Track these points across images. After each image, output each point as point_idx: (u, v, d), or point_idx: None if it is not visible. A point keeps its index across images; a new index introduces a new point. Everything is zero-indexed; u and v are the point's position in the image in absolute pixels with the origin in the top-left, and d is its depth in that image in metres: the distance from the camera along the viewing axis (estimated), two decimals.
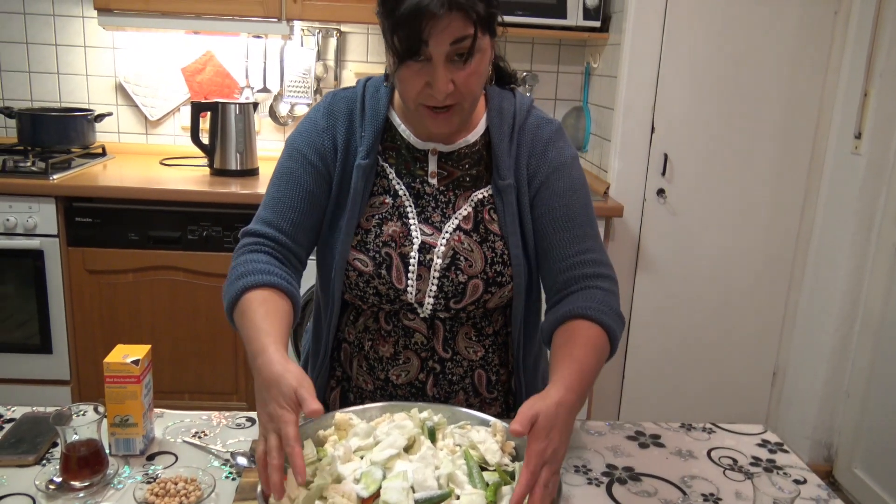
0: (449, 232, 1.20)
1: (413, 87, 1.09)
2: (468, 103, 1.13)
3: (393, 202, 1.22)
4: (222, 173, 2.76)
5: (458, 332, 1.26)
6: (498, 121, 1.22)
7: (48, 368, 2.58)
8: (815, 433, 2.80)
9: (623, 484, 1.11)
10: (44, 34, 3.00)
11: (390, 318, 1.26)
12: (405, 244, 1.20)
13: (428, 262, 1.20)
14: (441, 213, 1.22)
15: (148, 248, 2.53)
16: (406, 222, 1.21)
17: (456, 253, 1.20)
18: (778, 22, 2.64)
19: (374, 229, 1.21)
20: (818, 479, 1.17)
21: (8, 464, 1.07)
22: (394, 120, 1.24)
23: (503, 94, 1.25)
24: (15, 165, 2.52)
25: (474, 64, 1.08)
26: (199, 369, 2.64)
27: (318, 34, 3.05)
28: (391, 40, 1.06)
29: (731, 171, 2.76)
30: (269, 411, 0.91)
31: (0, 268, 2.50)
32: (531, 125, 1.23)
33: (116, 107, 3.10)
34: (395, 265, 1.20)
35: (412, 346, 1.26)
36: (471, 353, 1.28)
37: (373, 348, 1.28)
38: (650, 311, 2.87)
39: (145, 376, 1.13)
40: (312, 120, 1.25)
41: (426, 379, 1.27)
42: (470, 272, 1.20)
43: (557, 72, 3.15)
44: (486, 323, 1.28)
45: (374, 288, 1.21)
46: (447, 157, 1.23)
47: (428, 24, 1.01)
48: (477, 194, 1.22)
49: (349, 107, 1.23)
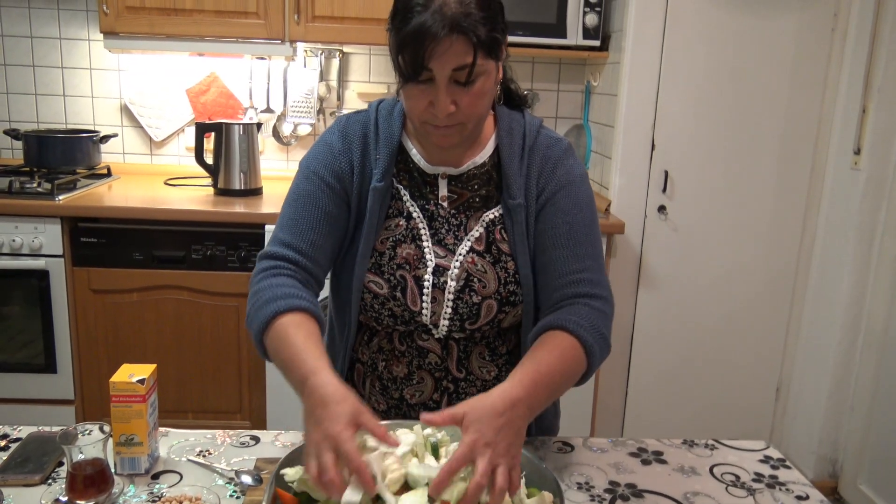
0: (462, 254, 1.21)
1: (417, 106, 1.12)
2: (471, 123, 1.15)
3: (407, 224, 1.23)
4: (226, 193, 2.79)
5: (472, 352, 1.27)
6: (508, 140, 1.23)
7: (53, 388, 2.59)
8: (819, 448, 2.79)
9: (626, 501, 1.12)
10: (50, 57, 3.04)
11: (404, 339, 1.27)
12: (419, 267, 1.21)
13: (442, 285, 1.21)
14: (454, 236, 1.23)
15: (152, 268, 2.54)
16: (420, 245, 1.22)
17: (469, 275, 1.21)
18: (776, 39, 2.67)
19: (389, 251, 1.22)
20: (821, 496, 1.17)
21: (14, 483, 1.08)
22: (406, 144, 1.26)
23: (512, 115, 1.26)
24: (21, 186, 2.54)
25: (477, 86, 1.10)
26: (203, 388, 2.64)
27: (321, 55, 3.08)
28: (396, 60, 1.09)
29: (731, 187, 2.78)
30: (324, 430, 0.90)
31: (6, 288, 2.51)
32: (541, 145, 1.25)
33: (121, 128, 3.13)
34: (409, 288, 1.21)
35: (426, 366, 1.27)
36: (484, 372, 1.28)
37: (387, 368, 1.29)
38: (653, 328, 2.87)
39: (150, 395, 1.13)
40: (328, 143, 1.25)
41: (440, 399, 1.28)
42: (484, 293, 1.21)
43: (558, 90, 3.18)
44: (499, 342, 1.29)
45: (390, 310, 1.22)
46: (456, 179, 1.25)
47: (430, 45, 1.04)
48: (488, 214, 1.24)
49: (363, 130, 1.25)
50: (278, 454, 1.18)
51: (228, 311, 2.58)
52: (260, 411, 2.66)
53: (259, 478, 1.11)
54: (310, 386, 0.97)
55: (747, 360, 2.94)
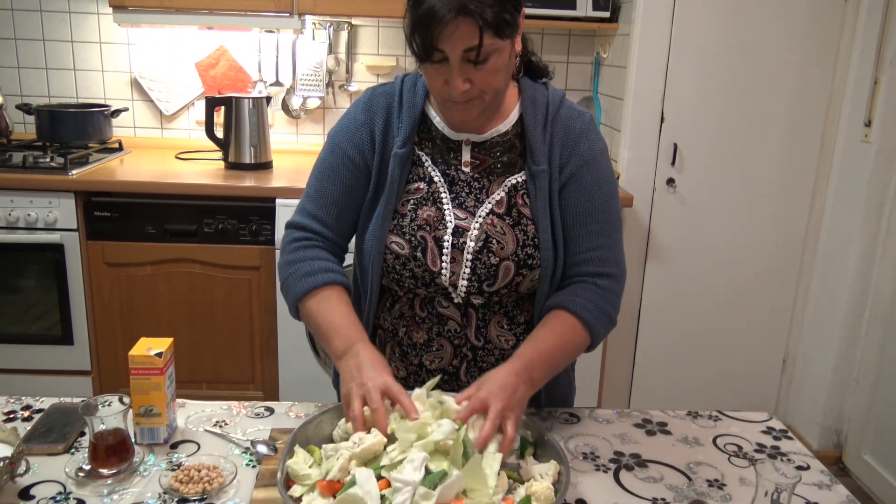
0: (482, 216, 1.25)
1: (435, 84, 1.17)
2: (489, 96, 1.18)
3: (428, 188, 1.28)
4: (237, 167, 2.81)
5: (490, 321, 1.30)
6: (532, 110, 1.27)
7: (70, 359, 2.64)
8: (824, 420, 2.82)
9: (630, 470, 1.15)
10: (60, 31, 3.05)
11: (425, 305, 1.30)
12: (439, 228, 1.25)
13: (461, 245, 1.24)
14: (475, 198, 1.27)
15: (165, 241, 2.58)
16: (440, 207, 1.26)
17: (488, 236, 1.24)
18: (787, 10, 2.64)
19: (410, 213, 1.27)
20: (821, 465, 1.19)
21: (39, 452, 1.12)
22: (429, 112, 1.30)
23: (536, 87, 1.30)
24: (35, 161, 2.57)
25: (491, 63, 1.13)
26: (217, 359, 2.69)
27: (330, 28, 3.07)
28: (410, 42, 1.13)
29: (740, 160, 2.77)
30: (359, 381, 1.08)
31: (22, 261, 2.55)
32: (564, 116, 1.28)
33: (132, 102, 3.14)
34: (430, 248, 1.25)
35: (445, 333, 1.30)
36: (502, 341, 1.31)
37: (407, 335, 1.33)
38: (660, 300, 2.89)
39: (168, 368, 1.17)
40: (352, 115, 1.32)
41: (459, 365, 1.32)
42: (501, 254, 1.24)
43: (567, 62, 3.16)
44: (517, 311, 1.32)
45: (411, 270, 1.26)
46: (480, 146, 1.28)
47: (437, 28, 1.08)
48: (511, 179, 1.27)
49: (388, 101, 1.30)
50: (292, 424, 1.22)
51: (240, 283, 2.62)
52: (272, 382, 2.71)
53: (274, 447, 1.15)
54: (356, 350, 1.14)
55: (754, 332, 2.96)
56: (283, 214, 2.51)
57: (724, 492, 1.10)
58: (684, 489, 1.10)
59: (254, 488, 1.05)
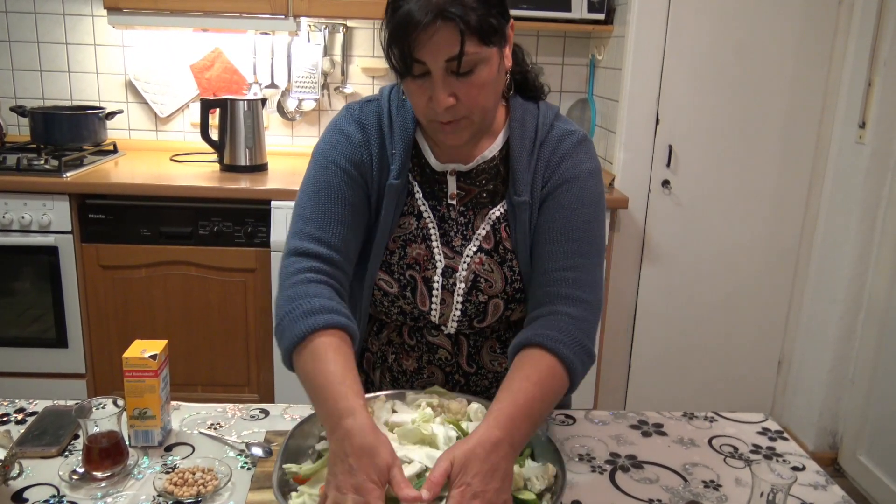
0: (470, 255, 1.20)
1: (419, 104, 1.08)
2: (476, 116, 1.09)
3: (417, 224, 1.21)
4: (232, 169, 2.80)
5: (482, 347, 1.27)
6: (519, 134, 1.18)
7: (64, 362, 2.63)
8: (820, 421, 2.82)
9: (626, 471, 1.15)
10: (54, 33, 3.04)
11: (414, 334, 1.27)
12: (429, 268, 1.21)
13: (451, 286, 1.20)
14: (461, 236, 1.21)
15: (160, 244, 2.57)
16: (430, 245, 1.21)
17: (476, 275, 1.20)
18: (782, 12, 2.65)
19: (399, 251, 1.21)
20: (817, 466, 1.19)
21: (32, 455, 1.11)
22: (419, 138, 1.21)
23: (526, 107, 1.20)
24: (29, 164, 2.56)
25: (477, 76, 1.04)
26: (212, 362, 2.68)
27: (325, 30, 3.07)
28: (388, 56, 1.05)
29: (735, 161, 2.78)
30: (355, 482, 0.87)
31: (16, 264, 2.54)
32: (553, 138, 1.19)
33: (127, 104, 3.13)
34: (419, 289, 1.21)
35: (436, 361, 1.27)
36: (496, 365, 1.28)
37: (396, 361, 1.29)
38: (656, 302, 2.89)
39: (162, 370, 1.16)
40: (344, 132, 1.20)
41: (452, 391, 1.28)
42: (490, 293, 1.20)
43: (562, 64, 3.17)
44: (510, 335, 1.27)
45: (399, 307, 1.23)
46: (465, 175, 1.21)
47: (414, 34, 0.98)
48: (494, 212, 1.20)
49: (378, 121, 1.20)
50: (287, 427, 1.21)
51: (236, 286, 2.61)
52: (268, 385, 2.71)
53: (269, 450, 1.14)
54: (346, 428, 0.92)
55: (749, 334, 2.96)
56: (279, 216, 2.51)
57: (720, 493, 1.10)
58: (680, 490, 1.10)
59: (248, 491, 1.05)
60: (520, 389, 1.01)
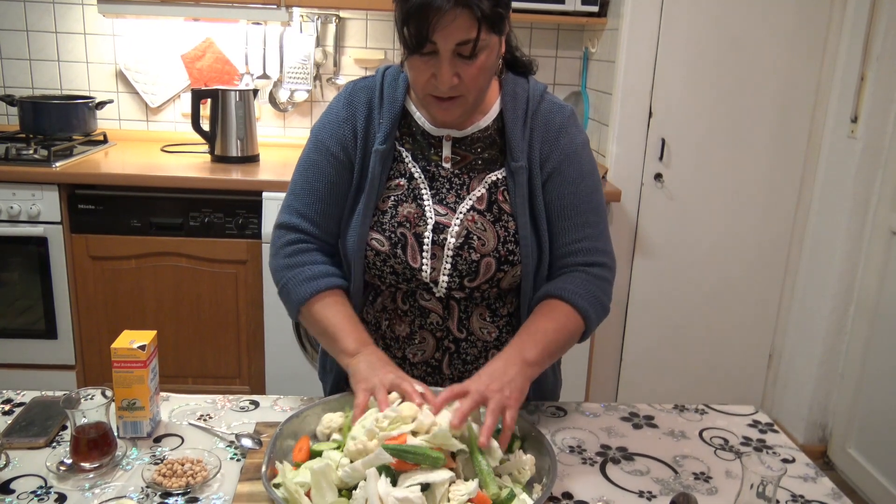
0: (463, 212, 1.25)
1: (421, 77, 1.15)
2: (472, 96, 1.18)
3: (408, 184, 1.27)
4: (223, 160, 2.78)
5: (472, 313, 1.30)
6: (512, 105, 1.26)
7: (53, 353, 2.61)
8: (810, 414, 2.84)
9: (616, 463, 1.15)
10: (44, 22, 3.01)
11: (407, 299, 1.30)
12: (419, 224, 1.25)
13: (442, 242, 1.24)
14: (455, 195, 1.26)
15: (150, 235, 2.55)
16: (421, 203, 1.26)
17: (469, 232, 1.24)
18: (775, 6, 2.65)
19: (390, 210, 1.26)
20: (807, 458, 1.20)
21: (20, 446, 1.11)
22: (410, 108, 1.29)
23: (517, 80, 1.29)
24: (17, 153, 2.53)
25: (480, 60, 1.13)
26: (203, 354, 2.67)
27: (317, 20, 3.05)
28: (402, 32, 1.11)
29: (728, 155, 2.78)
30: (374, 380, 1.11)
31: (5, 255, 2.52)
32: (544, 110, 1.28)
33: (117, 94, 3.11)
34: (409, 245, 1.25)
35: (428, 326, 1.30)
36: (485, 333, 1.31)
37: (389, 328, 1.33)
38: (648, 295, 2.89)
39: (151, 361, 1.16)
40: (334, 111, 1.31)
41: (441, 358, 1.32)
42: (483, 251, 1.24)
43: (556, 56, 3.16)
44: (499, 304, 1.31)
45: (391, 266, 1.26)
46: (460, 141, 1.27)
47: (434, 18, 1.06)
48: (491, 176, 1.27)
49: (368, 96, 1.29)
50: (277, 418, 1.21)
51: (227, 277, 2.60)
52: (259, 376, 2.70)
53: (259, 441, 1.14)
54: (367, 352, 1.18)
55: (741, 327, 2.97)
56: (270, 208, 2.50)
57: (711, 485, 1.10)
58: (670, 482, 1.10)
59: (238, 482, 1.04)
60: (540, 327, 1.20)
